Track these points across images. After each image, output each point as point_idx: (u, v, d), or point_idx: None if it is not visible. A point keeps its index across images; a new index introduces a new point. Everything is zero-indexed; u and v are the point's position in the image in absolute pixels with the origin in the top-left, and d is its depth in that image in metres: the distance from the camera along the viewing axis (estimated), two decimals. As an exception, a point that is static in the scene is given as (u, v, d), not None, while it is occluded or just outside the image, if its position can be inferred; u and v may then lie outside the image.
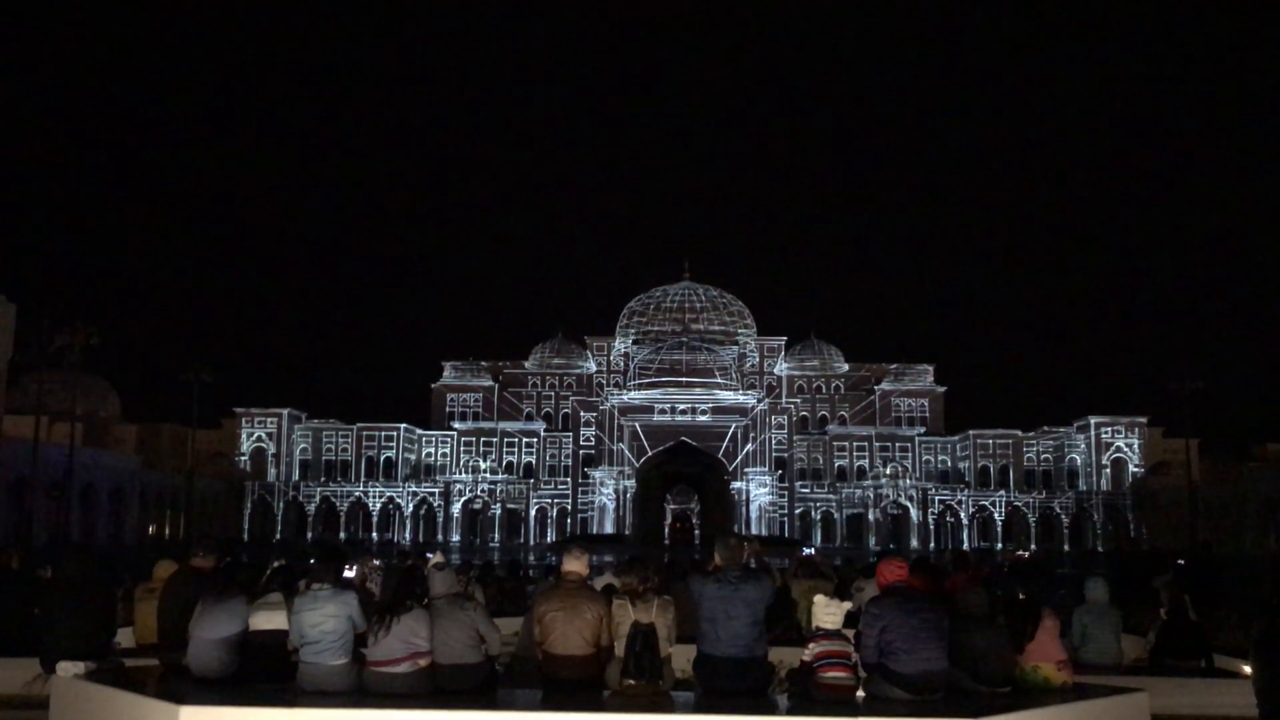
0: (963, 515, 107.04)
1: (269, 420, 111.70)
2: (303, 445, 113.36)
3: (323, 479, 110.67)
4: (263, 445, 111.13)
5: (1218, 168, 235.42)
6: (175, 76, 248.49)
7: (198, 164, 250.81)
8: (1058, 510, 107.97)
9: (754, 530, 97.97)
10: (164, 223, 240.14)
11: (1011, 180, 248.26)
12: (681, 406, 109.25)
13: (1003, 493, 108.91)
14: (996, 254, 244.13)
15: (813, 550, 73.68)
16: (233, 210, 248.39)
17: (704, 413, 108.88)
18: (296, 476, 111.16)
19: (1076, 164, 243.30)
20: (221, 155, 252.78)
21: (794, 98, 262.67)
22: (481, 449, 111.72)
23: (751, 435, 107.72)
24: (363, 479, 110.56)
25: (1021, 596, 11.23)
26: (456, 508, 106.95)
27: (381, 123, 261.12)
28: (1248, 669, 9.97)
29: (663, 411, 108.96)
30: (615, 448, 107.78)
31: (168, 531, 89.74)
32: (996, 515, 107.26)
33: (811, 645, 8.24)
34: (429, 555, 13.30)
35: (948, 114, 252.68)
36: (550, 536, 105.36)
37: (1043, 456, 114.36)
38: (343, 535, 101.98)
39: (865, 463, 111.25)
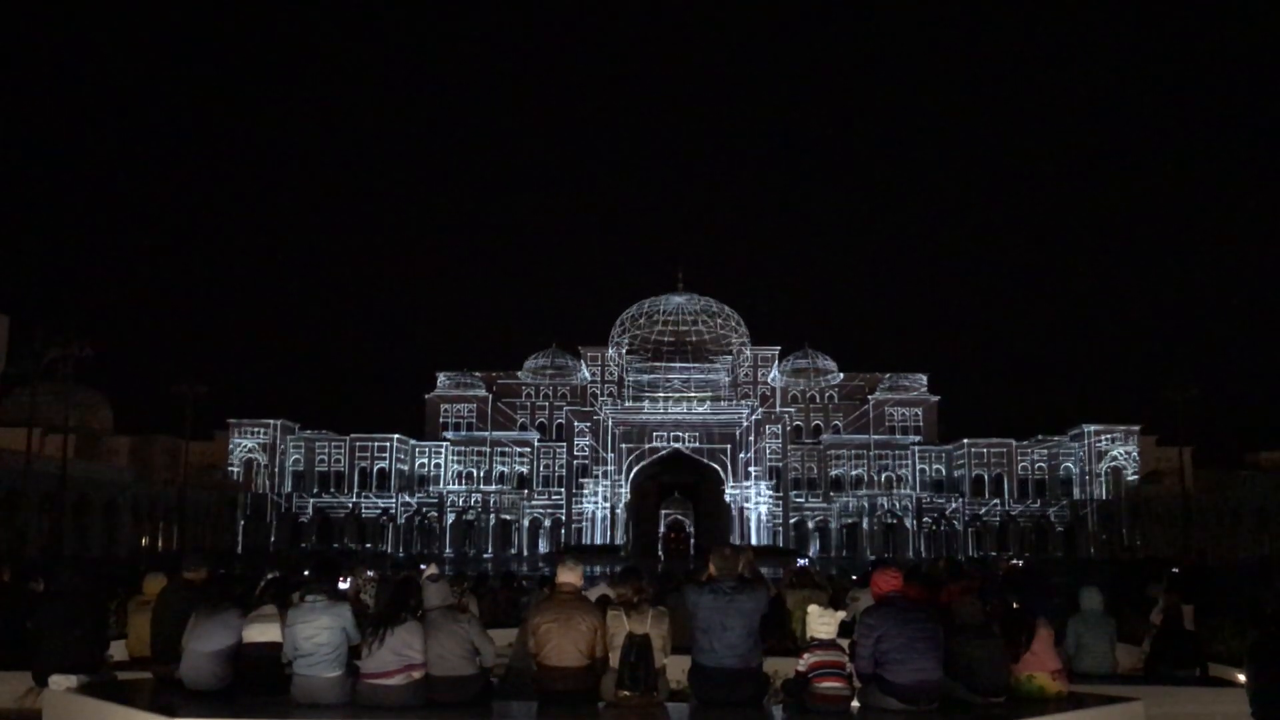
0: (957, 524, 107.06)
1: (261, 431, 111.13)
2: (295, 456, 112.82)
3: (316, 490, 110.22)
4: (255, 456, 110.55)
5: (1212, 176, 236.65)
6: (169, 88, 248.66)
7: (190, 175, 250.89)
8: (1052, 519, 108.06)
9: (749, 540, 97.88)
10: (157, 235, 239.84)
11: (1004, 188, 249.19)
12: (676, 416, 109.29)
13: (997, 501, 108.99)
14: (989, 263, 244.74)
15: (807, 560, 73.70)
16: (225, 221, 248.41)
17: (698, 422, 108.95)
18: (289, 488, 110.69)
19: (1070, 173, 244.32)
20: (214, 166, 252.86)
21: (788, 108, 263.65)
22: (475, 459, 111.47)
23: (746, 444, 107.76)
24: (356, 490, 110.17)
25: (1016, 606, 11.22)
26: (450, 518, 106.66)
27: (374, 134, 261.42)
28: (1243, 677, 9.97)
29: (656, 420, 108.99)
30: (609, 458, 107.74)
31: (161, 544, 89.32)
32: (991, 524, 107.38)
33: (806, 655, 8.23)
34: (423, 566, 13.29)
35: (940, 123, 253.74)
36: (544, 547, 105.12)
37: (1037, 465, 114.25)
38: (335, 546, 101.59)
39: (860, 472, 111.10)
